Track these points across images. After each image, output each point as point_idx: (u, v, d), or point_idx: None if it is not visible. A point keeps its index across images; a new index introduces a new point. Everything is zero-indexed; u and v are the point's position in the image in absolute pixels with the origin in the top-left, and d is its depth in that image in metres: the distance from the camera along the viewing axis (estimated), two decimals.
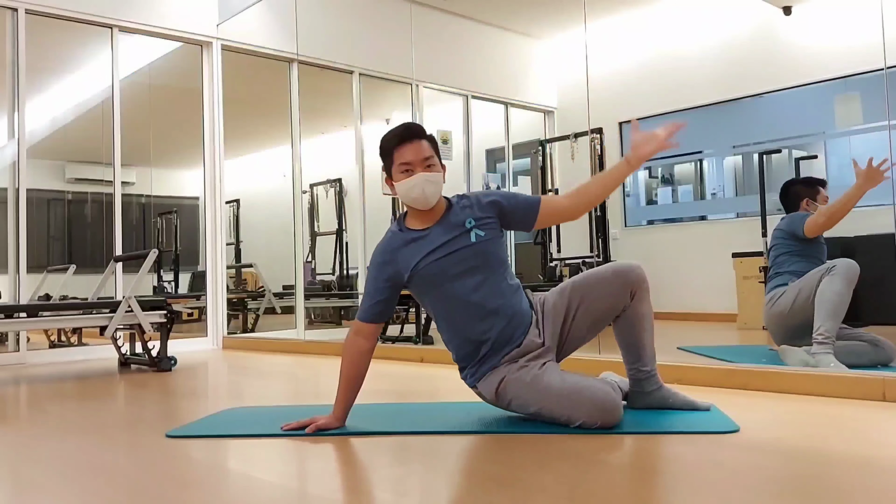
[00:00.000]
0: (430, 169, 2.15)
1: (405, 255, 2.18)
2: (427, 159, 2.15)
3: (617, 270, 2.18)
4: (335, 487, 1.62)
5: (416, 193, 2.13)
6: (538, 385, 2.08)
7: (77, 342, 5.24)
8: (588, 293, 2.18)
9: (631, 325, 2.20)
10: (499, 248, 2.21)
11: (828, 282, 3.08)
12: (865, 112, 5.50)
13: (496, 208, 2.22)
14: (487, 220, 2.20)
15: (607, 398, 2.02)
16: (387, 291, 2.21)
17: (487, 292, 2.15)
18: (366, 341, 2.21)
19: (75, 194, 6.25)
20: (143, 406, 2.84)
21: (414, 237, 2.20)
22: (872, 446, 1.81)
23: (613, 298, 2.16)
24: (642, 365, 2.23)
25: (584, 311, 2.18)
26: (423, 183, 2.13)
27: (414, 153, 2.15)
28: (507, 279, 2.21)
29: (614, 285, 2.16)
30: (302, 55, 5.91)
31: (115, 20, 5.22)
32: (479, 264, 2.16)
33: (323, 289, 7.11)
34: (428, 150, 2.17)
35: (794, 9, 5.77)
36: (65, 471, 1.81)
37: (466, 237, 2.16)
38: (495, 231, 2.21)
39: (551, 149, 6.90)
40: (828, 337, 2.99)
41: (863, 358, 3.09)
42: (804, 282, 3.22)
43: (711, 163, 6.87)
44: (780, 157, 5.96)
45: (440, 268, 2.15)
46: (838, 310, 3.04)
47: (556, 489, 1.50)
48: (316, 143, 6.89)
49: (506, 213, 2.22)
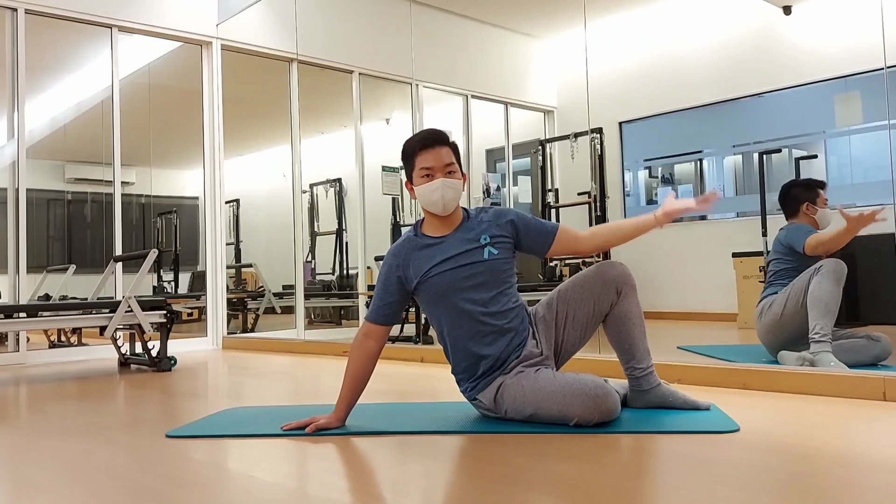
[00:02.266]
0: (450, 175, 2.17)
1: (417, 260, 2.20)
2: (448, 165, 2.17)
3: (599, 270, 2.21)
4: (335, 487, 1.62)
5: (436, 198, 2.15)
6: (532, 387, 2.09)
7: (77, 342, 5.23)
8: (573, 298, 2.22)
9: (620, 324, 2.21)
10: (509, 268, 2.24)
11: (817, 282, 3.09)
12: (865, 111, 5.50)
13: (512, 228, 2.24)
14: (503, 239, 2.22)
15: (599, 389, 2.02)
16: (396, 293, 2.22)
17: (494, 310, 2.17)
18: (375, 343, 2.22)
19: (75, 194, 6.25)
20: (142, 406, 2.84)
21: (428, 243, 2.21)
22: (872, 446, 1.81)
23: (598, 298, 2.19)
24: (637, 363, 2.24)
25: (573, 318, 2.22)
26: (443, 188, 2.14)
27: (435, 158, 2.17)
28: (511, 298, 2.22)
29: (597, 285, 2.19)
30: (302, 55, 5.91)
31: (114, 20, 5.22)
32: (487, 280, 2.18)
33: (323, 289, 7.11)
34: (449, 157, 2.19)
35: (794, 8, 5.77)
36: (65, 471, 1.81)
37: (480, 253, 2.18)
38: (509, 251, 2.23)
39: (551, 149, 6.90)
40: (824, 335, 3.00)
41: (860, 354, 3.10)
42: (793, 288, 3.23)
43: (711, 162, 6.87)
44: (780, 156, 5.96)
45: (450, 279, 2.17)
46: (830, 307, 3.04)
47: (556, 489, 1.50)
48: (316, 143, 6.89)
49: (520, 236, 2.25)
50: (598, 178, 6.19)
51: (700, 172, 6.96)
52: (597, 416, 2.01)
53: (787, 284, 3.30)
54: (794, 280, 3.25)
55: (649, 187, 7.32)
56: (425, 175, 2.17)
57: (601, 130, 6.22)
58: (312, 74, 6.10)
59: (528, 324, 2.25)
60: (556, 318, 2.23)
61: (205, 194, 5.74)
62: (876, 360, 3.13)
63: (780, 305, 3.27)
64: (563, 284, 2.28)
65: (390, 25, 6.28)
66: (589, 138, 6.17)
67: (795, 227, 3.40)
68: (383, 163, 5.93)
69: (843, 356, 2.97)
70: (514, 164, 7.35)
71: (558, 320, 2.23)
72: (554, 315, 2.24)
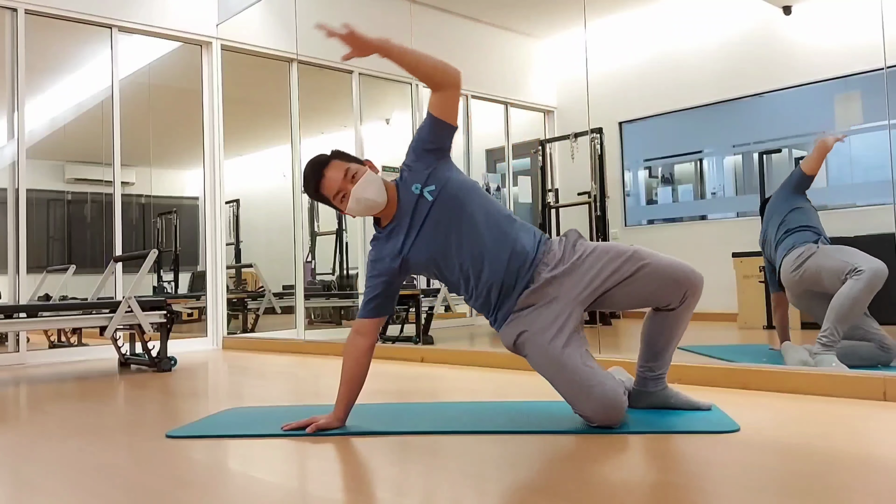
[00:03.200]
0: (355, 179, 2.13)
1: (388, 249, 2.19)
2: (346, 175, 2.14)
3: (683, 269, 2.10)
4: (335, 487, 1.62)
5: (363, 206, 2.13)
6: (556, 357, 2.06)
7: (77, 342, 5.23)
8: (646, 270, 2.08)
9: (666, 326, 2.18)
10: (460, 185, 2.16)
11: (849, 285, 2.98)
12: (865, 111, 5.50)
13: (419, 149, 2.18)
14: (427, 172, 2.16)
15: (616, 400, 2.02)
16: (380, 287, 2.21)
17: (472, 240, 2.12)
18: (363, 339, 2.21)
19: (75, 194, 6.24)
20: (143, 406, 2.84)
21: (388, 231, 2.20)
22: (873, 446, 1.81)
23: (664, 292, 2.10)
24: (657, 367, 2.24)
25: (632, 283, 2.09)
26: (360, 196, 2.11)
27: (333, 181, 2.15)
28: (488, 209, 2.15)
29: (670, 279, 2.08)
30: (302, 55, 5.91)
31: (114, 20, 5.22)
32: (452, 215, 2.13)
33: (323, 289, 7.11)
34: (341, 167, 2.16)
35: (794, 8, 5.77)
36: (65, 471, 1.81)
37: (424, 202, 2.14)
38: (442, 172, 2.16)
39: (551, 149, 6.90)
40: (833, 340, 2.96)
41: (865, 360, 3.07)
42: (827, 265, 3.12)
43: (711, 162, 6.87)
44: (780, 156, 5.96)
45: (424, 243, 2.14)
46: (849, 316, 2.98)
47: (556, 489, 1.50)
48: (316, 143, 6.88)
49: (427, 142, 2.18)
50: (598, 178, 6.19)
51: (700, 172, 6.95)
52: (603, 423, 2.02)
53: (808, 225, 3.30)
54: (830, 254, 3.14)
55: (649, 187, 7.31)
56: (342, 198, 2.15)
57: (601, 130, 6.22)
58: (312, 74, 6.10)
59: (539, 242, 2.17)
60: (621, 270, 2.09)
61: (205, 194, 5.74)
62: (879, 365, 3.11)
63: (813, 271, 3.19)
64: (643, 248, 2.15)
65: (390, 25, 6.28)
66: (589, 138, 6.17)
67: (785, 179, 3.48)
68: (383, 163, 5.93)
69: (848, 360, 2.95)
70: (514, 165, 7.35)
71: (619, 273, 2.09)
72: (618, 266, 2.09)
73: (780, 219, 3.45)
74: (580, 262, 2.13)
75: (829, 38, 5.59)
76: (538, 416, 2.27)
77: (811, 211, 3.42)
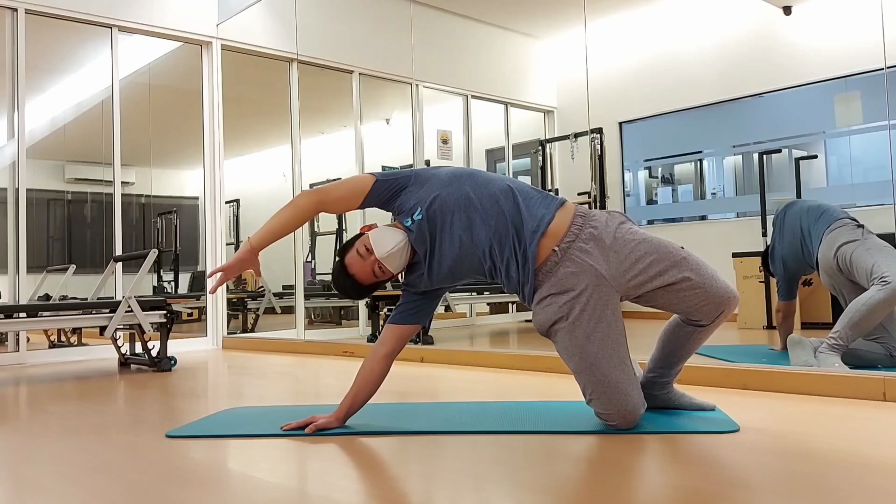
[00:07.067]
0: (370, 250, 2.10)
1: (415, 279, 2.21)
2: (361, 254, 2.11)
3: (726, 289, 2.04)
4: (335, 487, 1.62)
5: (398, 254, 2.11)
6: (588, 356, 2.01)
7: (77, 342, 5.23)
8: (690, 283, 2.01)
9: (687, 339, 2.15)
10: (441, 187, 2.12)
11: (870, 293, 2.94)
12: (865, 111, 5.51)
13: (386, 209, 2.20)
14: (406, 208, 2.14)
15: (636, 413, 2.02)
16: (407, 297, 2.22)
17: (479, 227, 2.09)
18: (381, 346, 2.19)
19: (75, 194, 6.24)
20: (143, 406, 2.84)
21: (412, 268, 2.21)
22: (872, 446, 1.81)
23: (701, 310, 2.04)
24: (668, 374, 2.24)
25: (672, 292, 2.02)
26: (385, 253, 2.09)
27: (360, 269, 2.12)
28: (480, 192, 2.11)
29: (714, 300, 2.03)
30: (302, 55, 5.91)
31: (114, 20, 5.22)
32: (445, 219, 2.10)
33: (323, 289, 7.11)
34: (353, 256, 2.13)
35: (794, 9, 5.78)
36: (65, 471, 1.81)
37: (421, 224, 2.12)
38: (413, 197, 2.13)
39: (551, 149, 6.90)
40: (841, 344, 2.94)
41: (869, 363, 3.05)
42: (862, 259, 3.08)
43: (711, 162, 6.87)
44: (780, 156, 5.96)
45: (440, 255, 2.13)
46: (861, 325, 2.93)
47: (557, 489, 1.50)
48: (316, 143, 6.89)
49: (381, 207, 2.20)
50: (598, 178, 6.20)
51: (700, 172, 6.96)
52: (613, 423, 2.03)
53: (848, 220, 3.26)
54: (863, 255, 3.10)
55: (649, 187, 7.32)
56: (381, 271, 2.12)
57: (601, 130, 6.23)
58: (312, 74, 6.10)
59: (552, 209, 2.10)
60: (666, 273, 2.01)
61: (205, 194, 5.74)
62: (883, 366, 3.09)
63: (846, 261, 3.16)
64: (694, 257, 2.07)
65: (390, 25, 6.28)
66: (589, 138, 6.18)
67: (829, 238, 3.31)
68: (383, 163, 5.94)
69: (854, 361, 2.94)
70: (515, 165, 7.35)
71: (662, 276, 2.01)
72: (664, 268, 2.01)
73: (804, 221, 3.42)
74: (625, 250, 2.04)
75: (829, 39, 5.59)
76: (538, 416, 2.27)
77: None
